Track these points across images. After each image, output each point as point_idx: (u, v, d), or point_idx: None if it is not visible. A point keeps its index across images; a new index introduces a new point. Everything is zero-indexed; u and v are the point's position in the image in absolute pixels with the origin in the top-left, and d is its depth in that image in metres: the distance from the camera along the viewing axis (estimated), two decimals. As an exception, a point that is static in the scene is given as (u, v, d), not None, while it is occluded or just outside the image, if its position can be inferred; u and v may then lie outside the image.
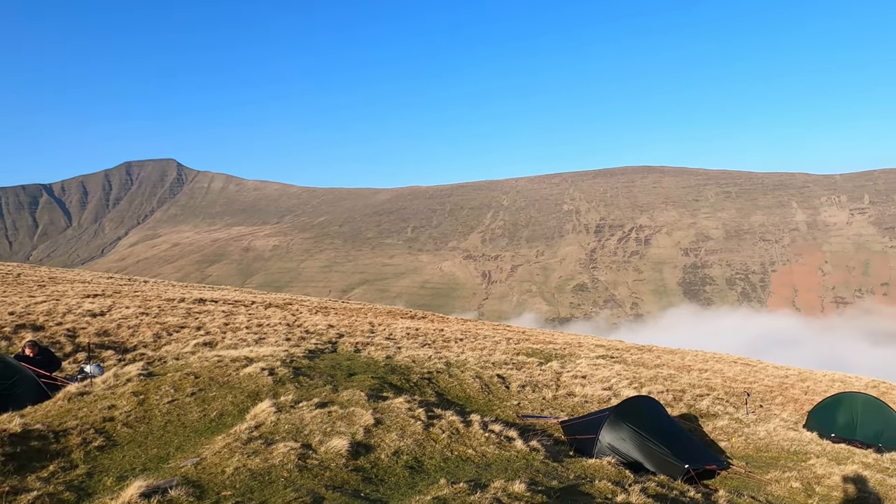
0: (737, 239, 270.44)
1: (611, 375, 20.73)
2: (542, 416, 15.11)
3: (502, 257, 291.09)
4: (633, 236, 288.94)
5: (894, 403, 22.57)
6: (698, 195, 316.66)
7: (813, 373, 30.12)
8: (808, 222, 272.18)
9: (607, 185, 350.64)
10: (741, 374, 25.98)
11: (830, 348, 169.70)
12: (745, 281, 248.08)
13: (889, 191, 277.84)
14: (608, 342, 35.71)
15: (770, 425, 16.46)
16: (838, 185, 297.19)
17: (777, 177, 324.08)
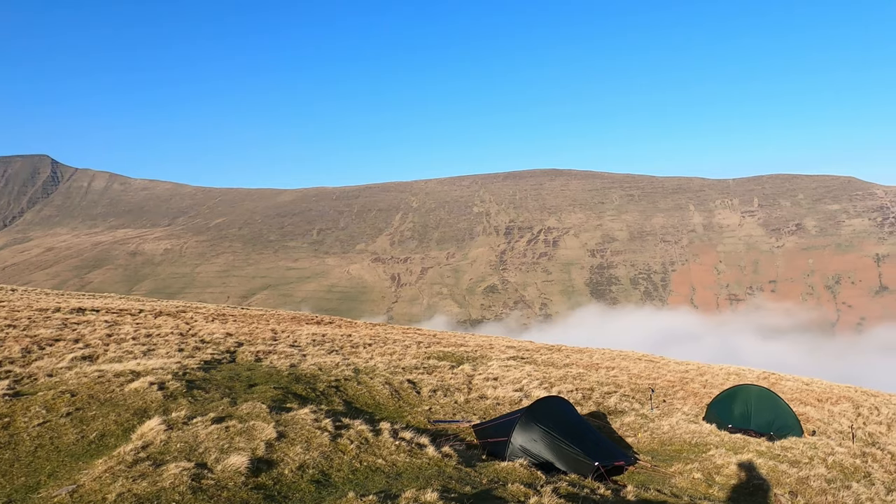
0: (640, 240, 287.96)
1: (522, 376, 21.26)
2: (455, 420, 15.18)
3: (412, 259, 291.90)
4: (542, 238, 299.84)
5: (783, 393, 24.93)
6: (604, 198, 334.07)
7: (711, 367, 32.54)
8: (705, 224, 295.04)
9: (517, 187, 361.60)
10: (646, 370, 27.57)
11: (726, 342, 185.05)
12: (647, 280, 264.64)
13: (775, 195, 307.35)
14: (519, 343, 36.71)
15: (673, 419, 17.55)
16: (731, 190, 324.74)
17: (676, 181, 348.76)
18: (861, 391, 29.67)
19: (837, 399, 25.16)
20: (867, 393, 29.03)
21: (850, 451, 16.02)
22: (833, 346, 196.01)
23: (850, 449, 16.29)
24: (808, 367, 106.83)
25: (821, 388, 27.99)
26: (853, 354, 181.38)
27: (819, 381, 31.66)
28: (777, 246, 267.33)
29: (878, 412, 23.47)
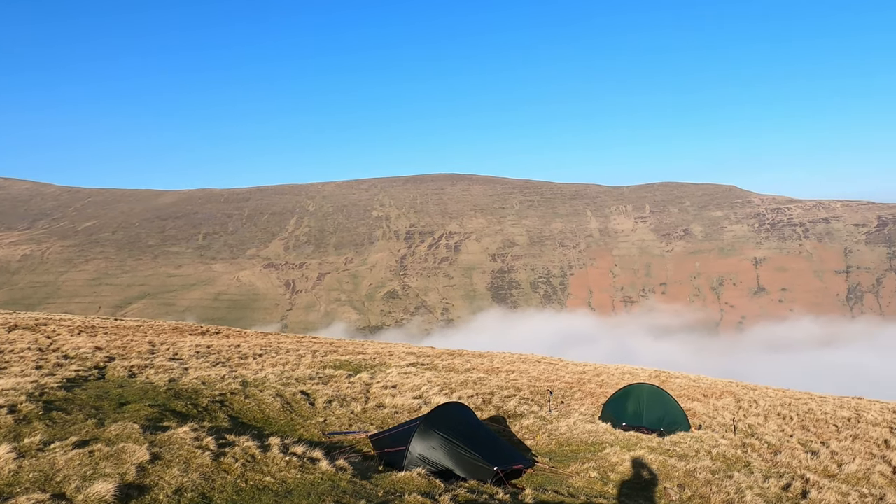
0: (539, 245, 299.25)
1: (422, 383, 21.30)
2: (351, 431, 14.91)
3: (308, 265, 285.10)
4: (444, 243, 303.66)
5: (672, 390, 26.73)
6: (504, 203, 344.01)
7: (606, 367, 34.33)
8: (601, 229, 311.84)
9: (417, 191, 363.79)
10: (545, 372, 28.58)
11: (621, 343, 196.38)
12: (547, 284, 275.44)
13: (665, 202, 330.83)
14: (419, 349, 36.83)
15: (570, 420, 18.29)
16: (625, 196, 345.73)
17: (574, 187, 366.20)
18: (742, 385, 32.49)
19: (721, 394, 27.36)
20: (747, 387, 31.82)
21: (732, 443, 17.43)
22: (718, 344, 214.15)
23: (732, 440, 17.73)
24: (695, 364, 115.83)
25: (706, 384, 30.33)
26: (735, 351, 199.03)
27: (705, 378, 34.31)
28: (667, 250, 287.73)
29: (757, 405, 25.76)
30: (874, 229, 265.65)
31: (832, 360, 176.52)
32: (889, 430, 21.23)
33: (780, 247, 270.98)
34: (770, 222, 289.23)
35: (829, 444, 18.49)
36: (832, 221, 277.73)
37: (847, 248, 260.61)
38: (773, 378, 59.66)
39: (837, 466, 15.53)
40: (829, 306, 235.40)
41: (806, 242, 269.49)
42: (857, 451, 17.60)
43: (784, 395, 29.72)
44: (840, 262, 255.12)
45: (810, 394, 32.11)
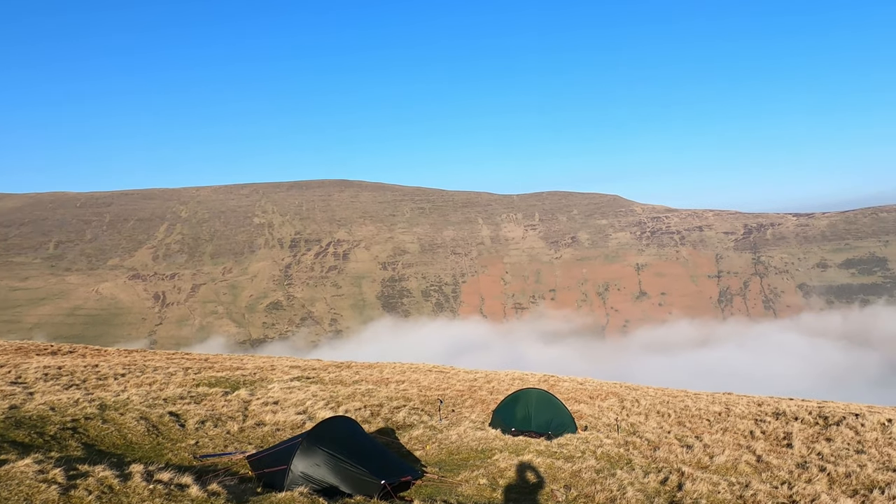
0: (431, 252, 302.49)
1: (306, 398, 20.74)
2: (226, 452, 14.19)
3: (181, 276, 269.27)
4: (331, 251, 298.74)
5: (560, 394, 27.89)
6: (395, 210, 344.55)
7: (497, 373, 35.20)
8: (492, 237, 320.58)
9: (303, 198, 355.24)
10: (436, 381, 28.83)
11: (513, 349, 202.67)
12: (439, 292, 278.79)
13: (553, 210, 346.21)
14: (305, 362, 35.90)
15: (461, 428, 18.56)
16: (515, 205, 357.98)
17: (465, 195, 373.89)
18: (625, 386, 34.56)
19: (606, 395, 28.93)
20: (630, 387, 33.89)
21: (616, 442, 18.46)
22: (604, 348, 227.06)
23: (615, 440, 18.77)
24: (583, 367, 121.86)
25: (593, 387, 31.97)
26: (620, 354, 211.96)
27: (591, 380, 36.15)
28: (556, 257, 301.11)
29: (639, 404, 27.46)
30: (741, 237, 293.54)
31: (706, 359, 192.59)
32: (754, 421, 23.39)
33: (660, 253, 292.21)
34: (650, 230, 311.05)
35: (702, 437, 20.02)
36: (705, 230, 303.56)
37: (718, 254, 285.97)
38: (655, 378, 64.16)
39: (709, 458, 16.86)
40: (703, 309, 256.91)
41: (682, 249, 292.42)
42: (727, 443, 19.21)
43: (663, 393, 31.96)
44: (712, 268, 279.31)
45: (686, 391, 34.75)
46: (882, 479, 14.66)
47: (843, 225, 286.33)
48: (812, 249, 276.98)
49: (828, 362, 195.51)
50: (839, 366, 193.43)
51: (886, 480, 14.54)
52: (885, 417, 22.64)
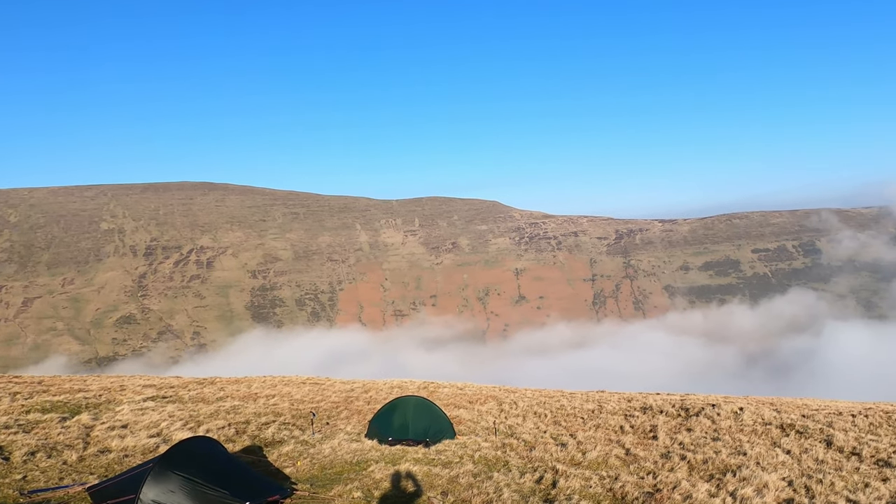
0: (306, 259, 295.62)
1: (161, 419, 19.45)
2: (62, 486, 12.93)
3: (10, 289, 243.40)
4: (194, 259, 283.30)
5: (440, 400, 28.22)
6: (265, 215, 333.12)
7: (375, 382, 35.03)
8: (371, 243, 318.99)
9: (160, 201, 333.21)
10: (309, 394, 28.15)
11: (393, 357, 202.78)
12: (314, 301, 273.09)
13: (433, 216, 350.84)
14: (161, 380, 33.67)
15: (335, 441, 18.24)
16: (395, 210, 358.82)
17: (343, 200, 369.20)
18: (504, 389, 35.67)
19: (485, 399, 29.69)
20: (509, 390, 35.03)
21: (494, 445, 18.98)
22: (485, 352, 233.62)
23: (493, 443, 19.30)
24: (465, 373, 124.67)
25: (472, 391, 32.69)
26: (501, 358, 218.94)
27: (471, 385, 36.97)
28: (437, 263, 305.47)
29: (517, 406, 28.44)
30: (613, 242, 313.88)
31: (583, 360, 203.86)
32: (624, 417, 24.99)
33: (538, 258, 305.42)
34: (529, 236, 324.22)
35: (576, 435, 21.09)
36: (580, 235, 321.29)
37: (592, 258, 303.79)
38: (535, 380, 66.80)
39: (582, 455, 17.79)
40: (578, 311, 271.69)
41: (559, 254, 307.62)
42: (599, 439, 20.37)
43: (541, 394, 33.35)
44: (587, 271, 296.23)
45: (563, 391, 36.50)
46: (734, 463, 16.26)
47: (703, 230, 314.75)
48: (676, 253, 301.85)
49: (691, 358, 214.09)
50: (701, 361, 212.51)
51: (738, 464, 16.14)
52: (737, 406, 25.08)
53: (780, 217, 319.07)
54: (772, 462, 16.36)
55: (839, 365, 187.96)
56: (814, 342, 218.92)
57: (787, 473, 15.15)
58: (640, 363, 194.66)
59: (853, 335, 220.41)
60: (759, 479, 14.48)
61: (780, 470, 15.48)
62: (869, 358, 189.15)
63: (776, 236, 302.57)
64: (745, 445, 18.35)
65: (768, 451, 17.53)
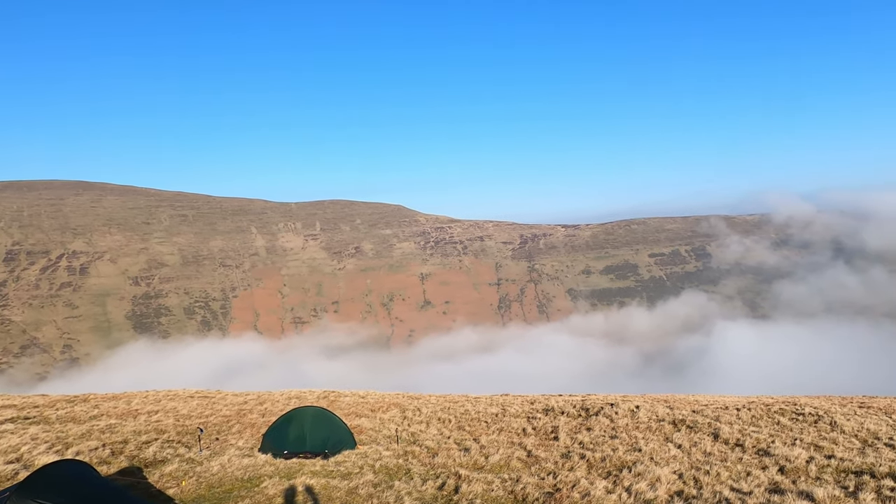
0: (195, 265, 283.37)
1: (22, 443, 18.01)
2: None
3: None
4: (65, 264, 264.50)
5: (341, 409, 27.80)
6: (150, 217, 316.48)
7: (272, 394, 34.01)
8: (268, 247, 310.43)
9: (24, 201, 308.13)
10: (198, 408, 26.93)
11: (293, 367, 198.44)
12: (205, 309, 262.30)
13: (336, 219, 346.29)
14: (24, 399, 31.10)
15: (225, 457, 17.53)
16: (294, 213, 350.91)
17: (237, 202, 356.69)
18: (408, 396, 35.64)
19: (388, 406, 29.55)
20: (412, 397, 35.03)
21: (395, 453, 18.94)
22: (390, 359, 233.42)
23: (395, 451, 19.25)
24: (369, 380, 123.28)
25: (375, 399, 32.44)
26: (407, 364, 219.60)
27: (374, 393, 36.69)
28: (339, 268, 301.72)
29: (420, 412, 28.48)
30: (518, 246, 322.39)
31: (489, 364, 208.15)
32: (527, 419, 25.61)
33: (444, 262, 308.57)
34: (434, 240, 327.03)
35: (480, 439, 21.39)
36: (486, 239, 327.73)
37: (497, 262, 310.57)
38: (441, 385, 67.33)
39: (485, 459, 18.07)
40: (484, 315, 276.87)
41: (465, 258, 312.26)
42: (502, 442, 20.76)
43: (445, 400, 33.58)
44: (493, 276, 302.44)
45: (467, 396, 36.94)
46: (630, 459, 17.09)
47: (603, 235, 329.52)
48: (578, 258, 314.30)
49: (593, 359, 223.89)
50: (602, 361, 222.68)
51: (633, 460, 16.97)
52: (634, 405, 26.35)
53: (674, 223, 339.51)
54: (664, 457, 17.31)
55: (727, 361, 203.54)
56: (705, 341, 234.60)
57: (678, 467, 16.10)
58: (544, 365, 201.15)
59: (739, 333, 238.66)
60: (653, 473, 15.29)
61: (671, 464, 16.41)
62: (754, 354, 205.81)
63: (671, 241, 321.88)
64: (641, 442, 19.28)
65: (661, 447, 18.53)
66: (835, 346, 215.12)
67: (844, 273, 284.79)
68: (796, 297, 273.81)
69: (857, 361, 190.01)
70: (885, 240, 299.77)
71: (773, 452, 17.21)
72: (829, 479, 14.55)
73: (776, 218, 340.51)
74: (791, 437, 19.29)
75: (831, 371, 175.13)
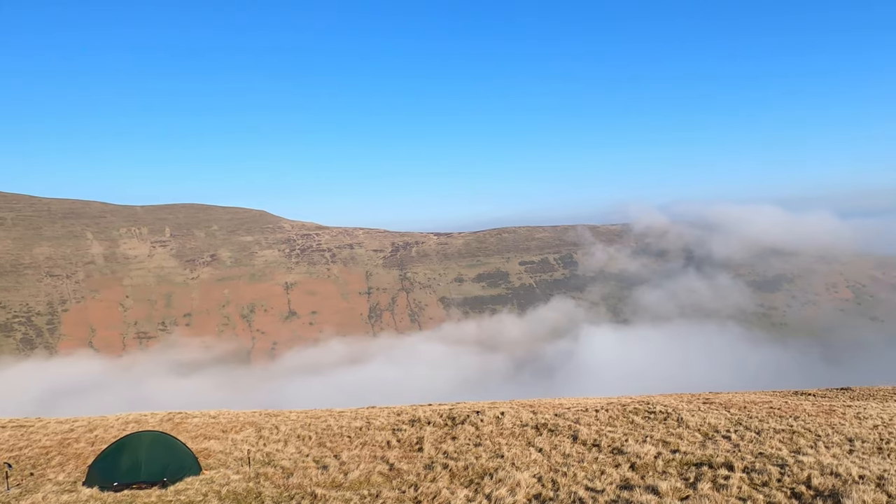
0: (15, 275, 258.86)
1: None
2: None
3: None
4: None
5: (188, 431, 26.20)
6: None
7: (105, 419, 31.43)
8: (107, 255, 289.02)
9: None
10: (10, 440, 24.34)
11: (135, 387, 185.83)
12: (27, 324, 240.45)
13: (189, 225, 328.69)
14: None
15: (39, 495, 15.94)
16: (139, 217, 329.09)
17: (68, 204, 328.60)
18: (265, 413, 34.33)
19: (242, 426, 28.29)
20: (270, 414, 33.80)
21: (246, 476, 18.11)
22: (251, 374, 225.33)
23: (246, 474, 18.39)
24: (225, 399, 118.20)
25: (227, 419, 30.93)
26: (268, 379, 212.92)
27: (227, 412, 34.97)
28: (192, 278, 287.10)
29: (278, 430, 27.53)
30: (389, 254, 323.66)
31: (359, 376, 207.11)
32: (392, 431, 25.49)
33: (310, 271, 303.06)
34: (300, 248, 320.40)
35: (340, 455, 21.00)
36: (356, 247, 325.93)
37: (368, 271, 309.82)
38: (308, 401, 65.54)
39: (344, 475, 17.75)
40: (354, 326, 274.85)
41: (333, 267, 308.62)
42: (363, 457, 20.50)
43: (307, 416, 32.72)
44: (363, 284, 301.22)
45: (331, 411, 36.25)
46: (492, 466, 17.50)
47: (476, 243, 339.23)
48: (451, 266, 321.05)
49: (466, 366, 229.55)
50: (475, 368, 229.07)
51: (495, 466, 17.41)
52: (499, 411, 27.03)
53: (543, 232, 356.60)
54: (525, 461, 17.87)
55: (593, 364, 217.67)
56: (572, 345, 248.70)
57: (538, 470, 16.72)
58: (417, 375, 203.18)
59: (603, 338, 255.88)
60: (513, 478, 15.73)
61: (532, 468, 17.00)
62: (616, 357, 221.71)
63: (540, 250, 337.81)
64: (504, 448, 19.77)
65: (523, 451, 19.13)
66: (686, 347, 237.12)
67: (695, 279, 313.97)
68: (653, 302, 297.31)
69: (705, 360, 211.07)
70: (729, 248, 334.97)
71: (626, 450, 18.32)
72: (673, 472, 15.79)
73: (636, 228, 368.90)
74: (643, 434, 20.66)
75: (683, 370, 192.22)
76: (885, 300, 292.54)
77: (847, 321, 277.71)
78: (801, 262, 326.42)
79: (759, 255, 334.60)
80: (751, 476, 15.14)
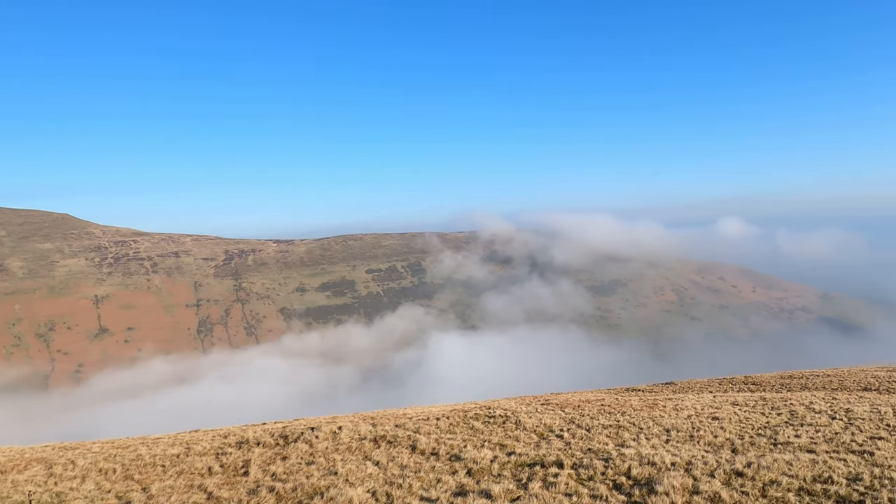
0: None
1: None
2: None
3: None
4: None
5: None
6: None
7: None
8: None
9: None
10: None
11: None
12: None
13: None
14: None
15: None
16: None
17: None
18: (60, 447, 31.17)
19: (28, 464, 25.42)
20: (66, 448, 30.72)
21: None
22: (49, 403, 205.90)
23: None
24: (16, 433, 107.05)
25: (7, 457, 27.75)
26: (72, 407, 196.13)
27: (8, 449, 31.46)
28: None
29: (75, 465, 24.99)
30: (222, 263, 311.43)
31: (187, 397, 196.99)
32: (215, 456, 24.02)
33: (126, 282, 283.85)
34: (114, 256, 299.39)
35: (150, 488, 19.44)
36: (182, 255, 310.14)
37: (197, 281, 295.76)
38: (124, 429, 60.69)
39: (148, 510, 16.37)
40: (180, 342, 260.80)
41: (155, 277, 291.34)
42: (177, 488, 19.10)
43: (112, 446, 30.11)
44: (191, 296, 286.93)
45: (144, 438, 33.69)
46: (324, 485, 17.03)
47: (319, 251, 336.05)
48: (292, 275, 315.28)
49: (310, 380, 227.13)
50: (320, 381, 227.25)
51: (327, 485, 16.94)
52: (337, 426, 26.42)
53: (391, 239, 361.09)
54: (360, 476, 17.62)
55: (442, 371, 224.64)
56: (421, 353, 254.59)
57: (373, 484, 16.55)
58: (254, 393, 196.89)
59: (452, 344, 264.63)
60: (345, 495, 15.41)
61: (366, 482, 16.78)
62: (463, 363, 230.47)
63: (387, 257, 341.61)
64: (338, 464, 19.37)
65: (359, 466, 18.82)
66: (530, 351, 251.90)
67: (539, 285, 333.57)
68: (500, 308, 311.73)
69: (548, 362, 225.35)
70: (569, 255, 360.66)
71: (464, 456, 18.77)
72: (507, 474, 16.53)
73: (483, 235, 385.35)
74: (482, 439, 21.28)
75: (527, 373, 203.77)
76: (703, 301, 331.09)
77: (672, 321, 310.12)
78: (633, 268, 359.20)
79: (596, 261, 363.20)
80: (578, 472, 16.66)
